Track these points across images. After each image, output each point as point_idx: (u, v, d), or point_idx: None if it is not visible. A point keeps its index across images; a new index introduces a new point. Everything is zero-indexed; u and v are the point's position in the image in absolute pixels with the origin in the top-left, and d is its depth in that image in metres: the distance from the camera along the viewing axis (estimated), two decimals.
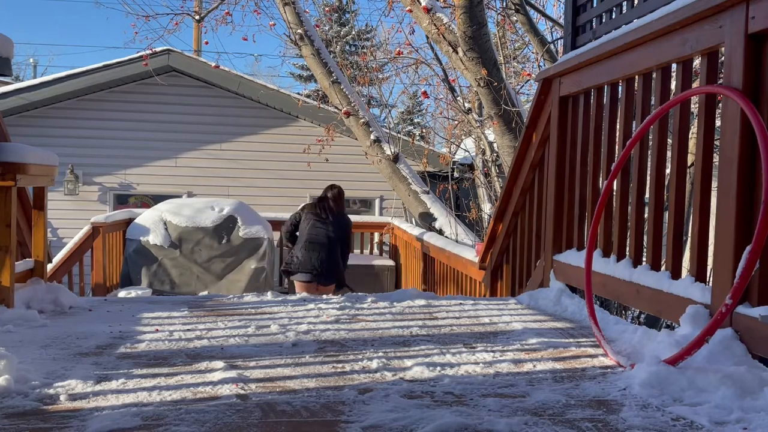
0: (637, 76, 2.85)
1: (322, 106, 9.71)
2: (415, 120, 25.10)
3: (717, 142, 2.39)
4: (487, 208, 9.01)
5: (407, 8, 6.98)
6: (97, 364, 2.18)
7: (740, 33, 2.13)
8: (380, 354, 2.35)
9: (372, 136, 7.94)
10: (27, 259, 3.60)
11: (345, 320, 3.00)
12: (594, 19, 3.36)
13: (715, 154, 2.50)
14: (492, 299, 3.97)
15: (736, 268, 1.99)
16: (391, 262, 8.84)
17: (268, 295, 3.69)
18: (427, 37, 7.83)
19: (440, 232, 7.22)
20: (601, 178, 3.19)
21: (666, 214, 2.67)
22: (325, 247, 6.26)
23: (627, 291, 2.76)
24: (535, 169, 3.96)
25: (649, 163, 2.76)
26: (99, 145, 10.78)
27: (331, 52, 12.10)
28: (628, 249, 2.88)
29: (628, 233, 2.89)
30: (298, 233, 6.50)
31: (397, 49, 10.24)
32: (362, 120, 7.97)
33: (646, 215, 2.81)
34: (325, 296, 3.82)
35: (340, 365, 2.21)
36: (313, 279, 6.20)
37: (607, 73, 3.06)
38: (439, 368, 2.15)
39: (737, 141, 2.12)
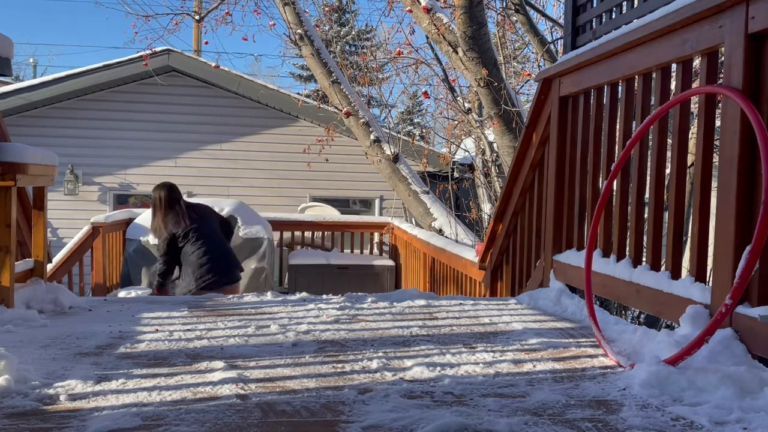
0: (637, 76, 2.85)
1: (322, 106, 9.71)
2: (415, 120, 25.11)
3: (717, 142, 2.39)
4: (487, 208, 9.01)
5: (407, 8, 6.98)
6: (97, 364, 2.18)
7: (740, 33, 2.13)
8: (380, 354, 2.35)
9: (372, 136, 7.94)
10: (27, 259, 3.60)
11: (345, 320, 3.00)
12: (594, 19, 3.36)
13: (715, 154, 2.50)
14: (492, 299, 3.97)
15: (736, 268, 1.99)
16: (391, 262, 8.83)
17: (268, 295, 3.69)
18: (427, 37, 7.83)
19: (440, 232, 7.22)
20: (601, 178, 3.19)
21: (666, 214, 2.67)
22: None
23: (627, 291, 2.76)
24: (535, 169, 3.96)
25: (649, 163, 2.76)
26: (99, 145, 10.78)
27: (331, 52, 12.10)
28: (628, 249, 2.88)
29: (628, 233, 2.89)
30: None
31: (397, 50, 10.23)
32: (362, 120, 7.97)
33: (646, 215, 2.81)
34: (325, 296, 3.82)
35: (340, 365, 2.21)
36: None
37: (607, 73, 3.06)
38: (439, 368, 2.15)
39: (737, 141, 2.12)
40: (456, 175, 10.64)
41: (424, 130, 20.48)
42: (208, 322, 2.95)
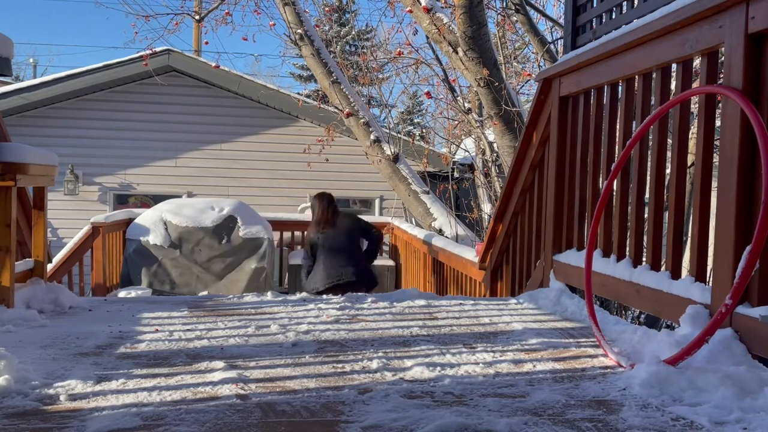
0: (637, 76, 2.85)
1: (322, 106, 9.71)
2: (415, 120, 25.12)
3: (717, 142, 2.39)
4: (487, 208, 9.01)
5: (408, 8, 6.98)
6: (97, 364, 2.18)
7: (740, 33, 2.13)
8: (380, 354, 2.35)
9: (372, 136, 7.94)
10: (27, 259, 3.60)
11: (345, 320, 3.00)
12: (594, 19, 3.36)
13: (715, 154, 2.50)
14: (492, 299, 3.97)
15: (736, 268, 1.99)
16: (391, 262, 8.84)
17: (268, 295, 3.69)
18: (428, 37, 7.83)
19: (440, 232, 7.22)
20: (601, 178, 3.19)
21: (666, 214, 2.67)
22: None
23: (627, 291, 2.76)
24: (535, 169, 3.96)
25: (649, 163, 2.76)
26: (99, 145, 10.78)
27: (331, 52, 12.10)
28: (628, 249, 2.88)
29: (628, 233, 2.89)
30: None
31: (398, 50, 10.24)
32: (362, 120, 7.97)
33: (646, 215, 2.81)
34: (325, 296, 3.82)
35: (340, 365, 2.21)
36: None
37: (607, 73, 3.06)
38: (439, 368, 2.15)
39: (737, 141, 2.12)
40: (456, 175, 10.64)
41: (424, 130, 20.49)
42: (208, 322, 2.95)
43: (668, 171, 2.64)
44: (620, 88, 3.02)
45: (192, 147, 11.02)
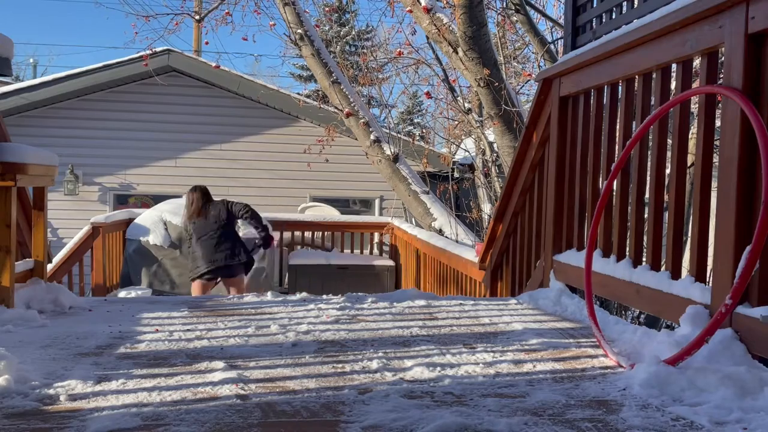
0: (637, 77, 2.85)
1: (322, 106, 9.71)
2: (415, 120, 25.12)
3: (717, 142, 2.39)
4: (487, 209, 9.01)
5: (408, 9, 6.98)
6: (97, 364, 2.18)
7: (740, 33, 2.13)
8: (380, 354, 2.35)
9: (372, 136, 7.94)
10: (27, 259, 3.60)
11: (345, 320, 3.00)
12: (594, 19, 3.36)
13: (715, 154, 2.50)
14: (492, 299, 3.97)
15: (736, 268, 1.99)
16: (391, 262, 8.84)
17: (268, 296, 3.69)
18: (428, 38, 7.83)
19: (440, 232, 7.22)
20: (601, 178, 3.19)
21: (666, 214, 2.67)
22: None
23: (627, 291, 2.76)
24: (535, 170, 3.96)
25: (649, 163, 2.76)
26: (99, 145, 10.78)
27: (331, 52, 12.10)
28: (628, 249, 2.88)
29: (628, 233, 2.89)
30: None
31: (398, 50, 10.24)
32: (362, 120, 7.97)
33: (646, 215, 2.81)
34: (325, 296, 3.81)
35: (340, 365, 2.21)
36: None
37: (607, 73, 3.06)
38: (439, 368, 2.15)
39: (737, 141, 2.12)
40: (456, 175, 10.64)
41: (424, 130, 20.50)
42: (208, 322, 2.95)
43: (668, 171, 2.64)
44: (620, 88, 3.02)
45: (192, 147, 11.02)
